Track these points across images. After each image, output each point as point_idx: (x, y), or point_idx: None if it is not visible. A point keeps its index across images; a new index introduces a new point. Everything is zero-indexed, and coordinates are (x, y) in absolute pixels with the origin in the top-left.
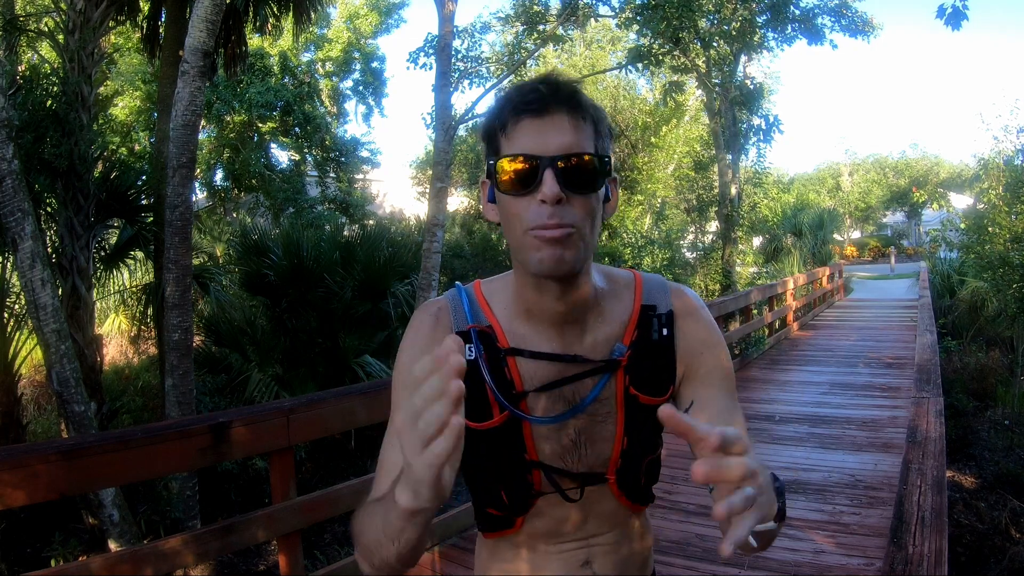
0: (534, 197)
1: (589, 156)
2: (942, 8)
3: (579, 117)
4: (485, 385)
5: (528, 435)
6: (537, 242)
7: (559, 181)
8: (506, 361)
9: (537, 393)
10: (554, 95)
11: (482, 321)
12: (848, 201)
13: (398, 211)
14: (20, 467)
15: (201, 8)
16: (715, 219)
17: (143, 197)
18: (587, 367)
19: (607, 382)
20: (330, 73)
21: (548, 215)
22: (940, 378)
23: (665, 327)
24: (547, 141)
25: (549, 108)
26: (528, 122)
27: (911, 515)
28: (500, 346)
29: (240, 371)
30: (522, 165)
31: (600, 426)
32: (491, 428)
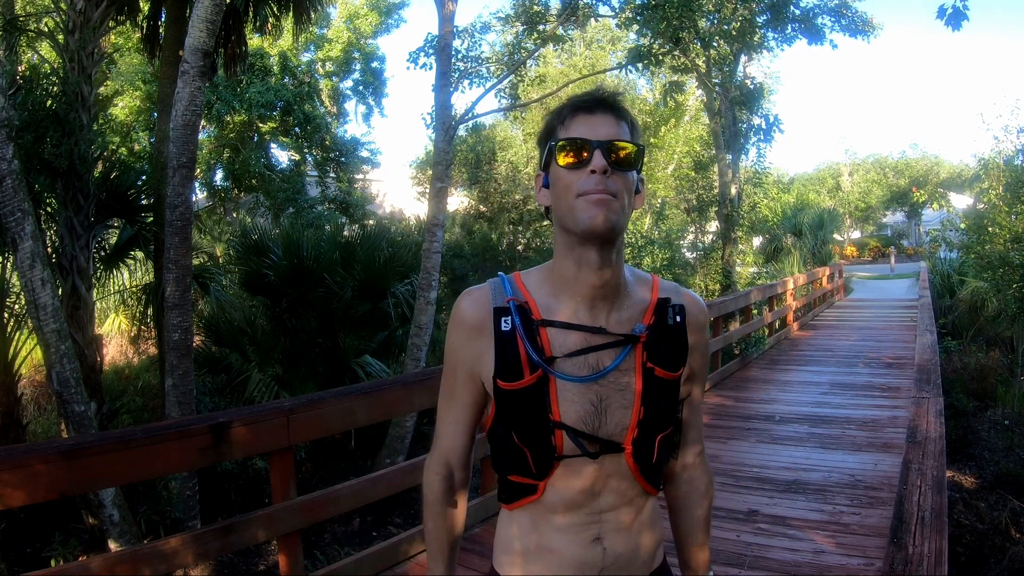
0: (585, 170)
1: (629, 143)
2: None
3: (620, 117)
4: (519, 351)
5: (555, 398)
6: (586, 204)
7: (607, 158)
8: (538, 331)
9: (565, 359)
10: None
11: (520, 298)
12: (848, 201)
13: (398, 211)
14: (20, 467)
15: (201, 8)
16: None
17: (143, 197)
18: (610, 339)
19: (627, 354)
20: (330, 73)
21: (596, 182)
22: (940, 378)
23: (678, 315)
24: (596, 130)
25: (598, 107)
26: (582, 116)
27: (911, 515)
28: (534, 318)
29: (240, 371)
30: (577, 145)
31: (620, 394)
32: (522, 388)
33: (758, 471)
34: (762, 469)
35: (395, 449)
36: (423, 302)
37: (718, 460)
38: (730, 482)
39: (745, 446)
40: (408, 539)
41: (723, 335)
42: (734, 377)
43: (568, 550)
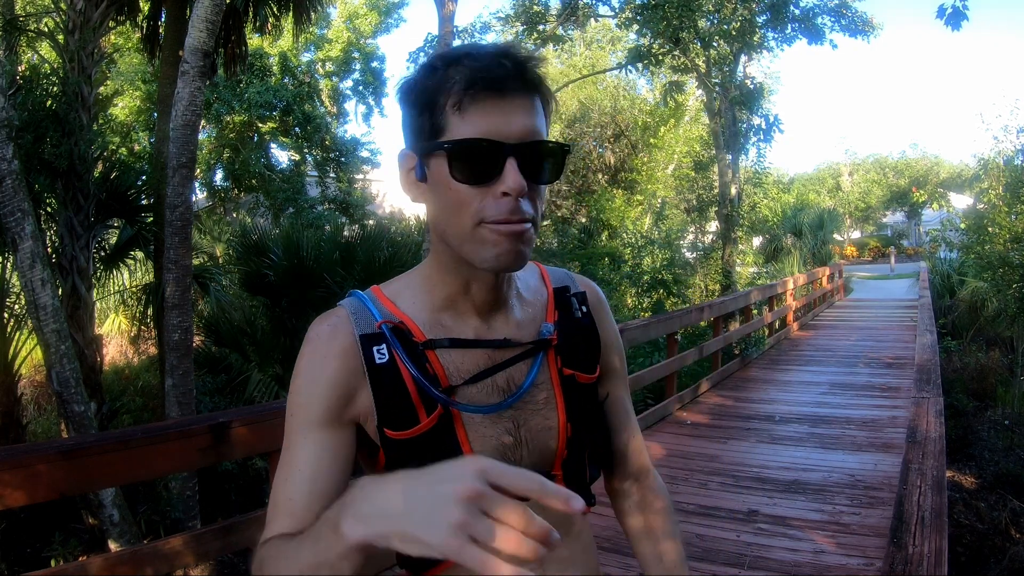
0: (492, 188)
1: (552, 143)
2: (942, 8)
3: (539, 99)
4: (407, 387)
5: (463, 438)
6: (495, 236)
7: (522, 171)
8: (426, 356)
9: (467, 386)
10: (520, 72)
11: (392, 319)
12: (848, 201)
13: (398, 211)
14: (20, 467)
15: (201, 8)
16: (715, 219)
17: (143, 197)
18: (518, 350)
19: (540, 364)
20: (330, 73)
21: (510, 210)
22: (940, 378)
23: (583, 305)
24: (509, 125)
25: (513, 87)
26: (489, 101)
27: (911, 515)
28: (416, 340)
29: (240, 371)
30: (483, 151)
31: (540, 415)
32: (421, 434)
33: (758, 471)
34: (762, 469)
35: None
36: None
37: (718, 460)
38: (730, 482)
39: (745, 446)
40: None
41: (723, 335)
42: (734, 377)
43: None
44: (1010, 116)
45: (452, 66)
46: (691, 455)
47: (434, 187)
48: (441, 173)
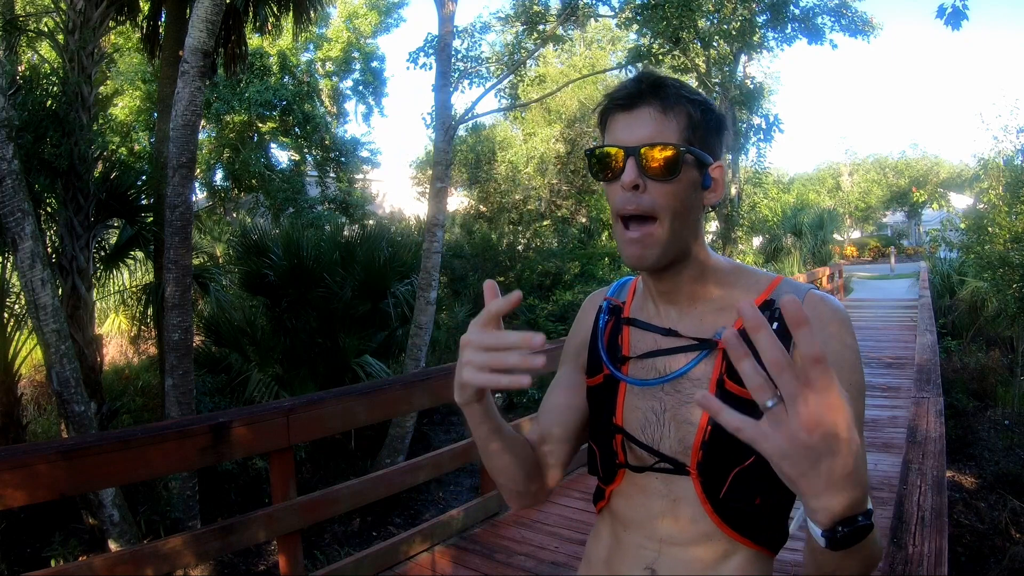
0: (618, 184)
1: (668, 145)
2: (942, 8)
3: (666, 109)
4: (602, 347)
5: (621, 400)
6: (622, 235)
7: (639, 167)
8: (622, 328)
9: (638, 360)
10: (642, 90)
11: (622, 298)
12: (848, 201)
13: (398, 211)
14: (20, 467)
15: (201, 8)
16: (715, 219)
17: (143, 197)
18: (682, 343)
19: (701, 362)
20: (330, 73)
21: (625, 200)
22: (940, 378)
23: (777, 321)
24: (633, 132)
25: (636, 103)
26: (620, 116)
27: (911, 515)
28: (623, 316)
29: (240, 371)
30: (608, 154)
31: (686, 408)
32: (595, 385)
33: None
34: None
35: (395, 449)
36: (423, 302)
37: None
38: None
39: None
40: (408, 539)
41: None
42: None
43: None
44: (1010, 116)
45: (605, 96)
46: None
47: None
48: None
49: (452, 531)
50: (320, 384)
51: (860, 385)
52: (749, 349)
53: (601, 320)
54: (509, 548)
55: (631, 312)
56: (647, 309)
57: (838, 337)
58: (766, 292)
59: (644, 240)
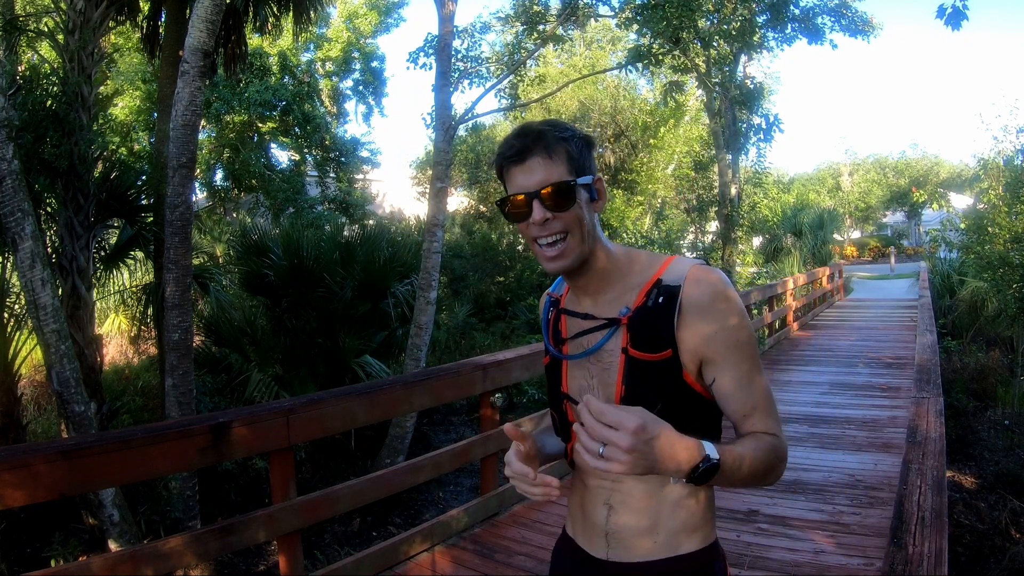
0: (529, 219)
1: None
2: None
3: (551, 153)
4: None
5: (565, 373)
6: (541, 254)
7: (543, 206)
8: (560, 317)
9: (571, 340)
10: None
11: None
12: (848, 201)
13: (398, 211)
14: (20, 467)
15: (201, 8)
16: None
17: (143, 197)
18: (595, 323)
19: (611, 336)
20: (330, 73)
21: (540, 230)
22: (940, 378)
23: (662, 296)
24: (529, 180)
25: (525, 155)
26: (514, 169)
27: (911, 515)
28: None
29: (240, 371)
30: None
31: (606, 372)
32: (548, 364)
33: None
34: None
35: (395, 449)
36: (423, 302)
37: None
38: None
39: None
40: (408, 539)
41: None
42: None
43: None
44: (1010, 116)
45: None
46: None
47: None
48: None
49: (452, 531)
50: (320, 384)
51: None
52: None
53: (546, 311)
54: (509, 548)
55: (565, 303)
56: (573, 299)
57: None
58: (657, 272)
59: (559, 254)
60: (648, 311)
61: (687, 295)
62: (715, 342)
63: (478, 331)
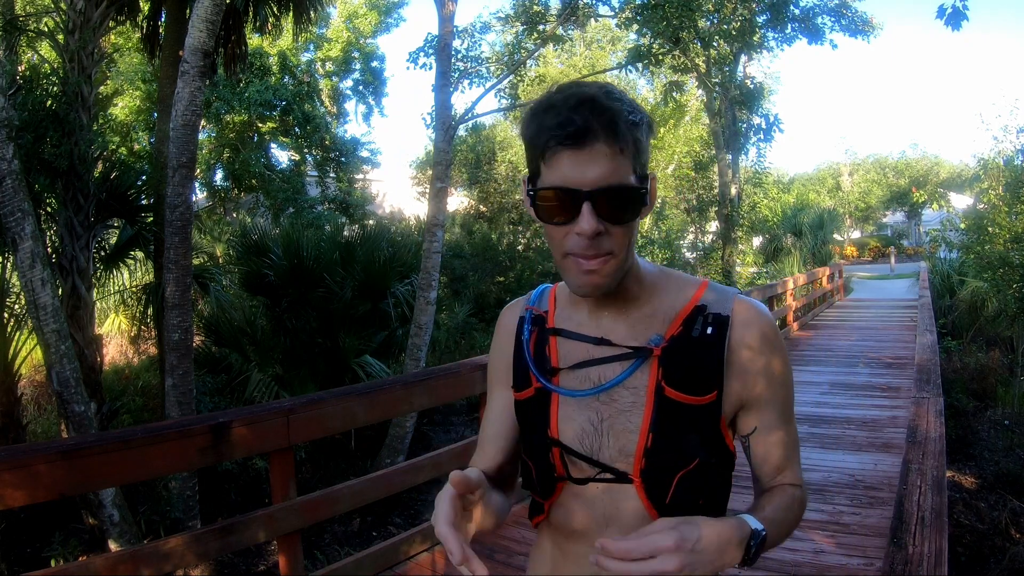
0: (572, 227)
1: (631, 189)
2: (942, 8)
3: (618, 145)
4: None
5: (555, 413)
6: (575, 268)
7: (597, 214)
8: (548, 340)
9: (569, 371)
10: (593, 125)
11: (544, 307)
12: (848, 201)
13: (398, 211)
14: (20, 467)
15: (201, 8)
16: (715, 219)
17: (143, 197)
18: (616, 351)
19: (636, 370)
20: (330, 73)
21: (585, 247)
22: (940, 378)
23: (711, 326)
24: (585, 173)
25: (588, 139)
26: (566, 153)
27: (911, 515)
28: (548, 327)
29: (240, 371)
30: (561, 198)
31: (624, 416)
32: (526, 398)
33: None
34: None
35: (395, 449)
36: (423, 302)
37: None
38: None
39: None
40: (408, 539)
41: None
42: None
43: None
44: (1010, 116)
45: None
46: None
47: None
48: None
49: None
50: (320, 384)
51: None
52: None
53: (525, 331)
54: (509, 548)
55: (556, 322)
56: (576, 318)
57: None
58: (695, 297)
59: (600, 271)
60: (692, 342)
61: (738, 328)
62: (764, 387)
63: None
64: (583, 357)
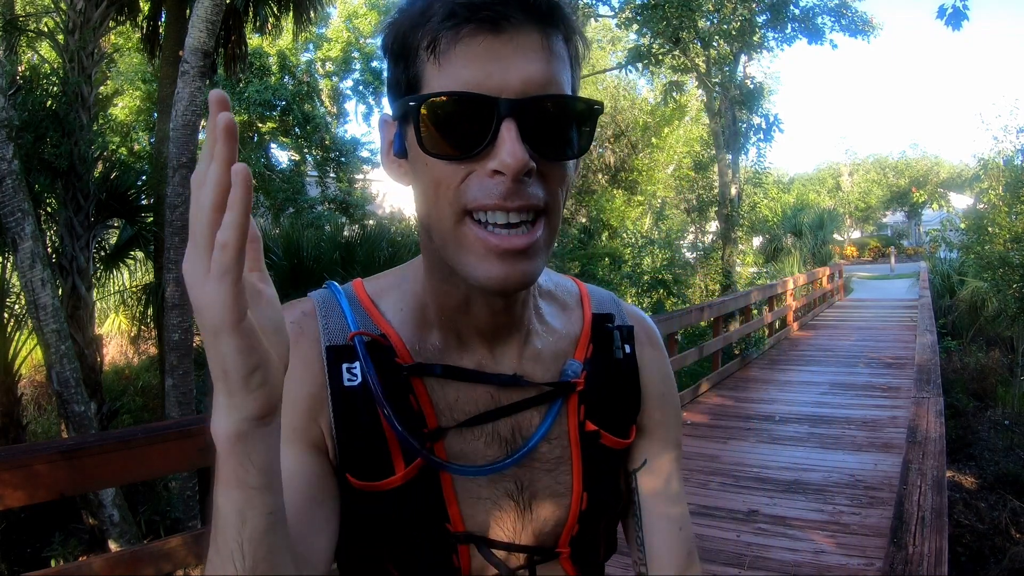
0: (481, 164)
1: (573, 99)
2: (942, 8)
3: (557, 38)
4: (380, 423)
5: (451, 496)
6: (482, 248)
7: (526, 139)
8: (411, 385)
9: (460, 431)
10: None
11: (370, 328)
12: (848, 201)
13: (398, 211)
14: (20, 467)
15: (201, 8)
16: (715, 219)
17: (143, 197)
18: (530, 392)
19: (557, 414)
20: (330, 73)
21: (503, 193)
22: (940, 378)
23: (627, 343)
24: (506, 73)
25: (513, 19)
26: (478, 40)
27: (911, 515)
28: (400, 362)
29: None
30: (465, 111)
31: (549, 476)
32: (393, 488)
33: (758, 471)
34: (762, 469)
35: None
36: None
37: (718, 460)
38: (730, 482)
39: (745, 446)
40: None
41: (723, 335)
42: (734, 377)
43: None
44: (1010, 116)
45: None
46: (691, 455)
47: (413, 163)
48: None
49: None
50: None
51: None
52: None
53: (350, 377)
54: None
55: (415, 356)
56: (449, 348)
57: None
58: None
59: (529, 251)
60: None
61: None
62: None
63: None
64: (485, 405)
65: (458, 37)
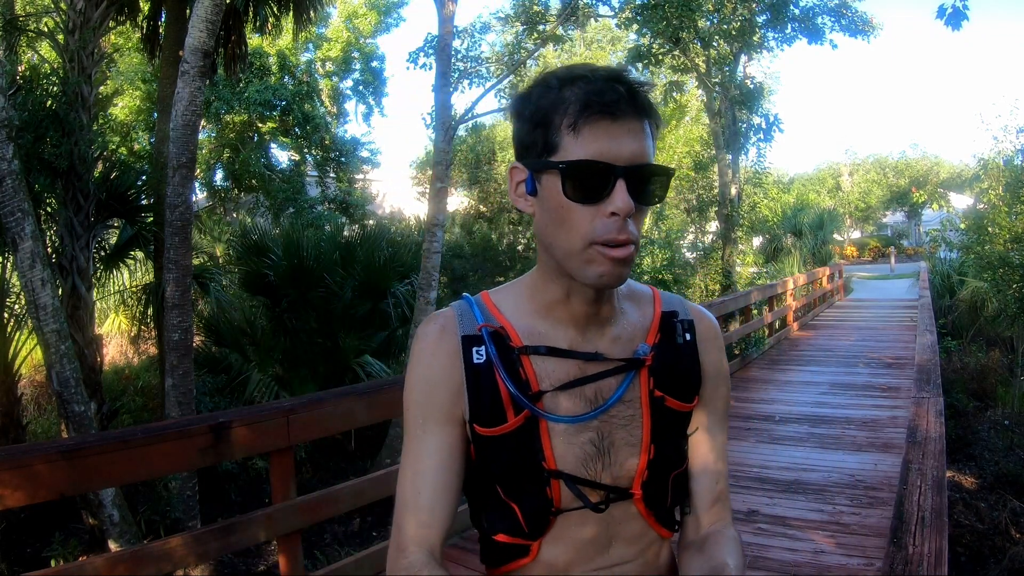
0: (601, 208)
1: (659, 166)
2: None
3: (650, 124)
4: (498, 387)
5: (547, 441)
6: (601, 257)
7: (631, 192)
8: (520, 360)
9: (556, 393)
10: (632, 98)
11: (492, 323)
12: (848, 201)
13: (398, 211)
14: (20, 467)
15: (201, 8)
16: (715, 219)
17: (143, 197)
18: (609, 365)
19: (631, 382)
20: (330, 73)
21: (618, 229)
22: (940, 378)
23: (688, 332)
24: (620, 148)
25: (625, 111)
26: (603, 125)
27: (911, 515)
28: (513, 345)
29: (240, 371)
30: (595, 171)
31: (624, 431)
32: (506, 433)
33: (758, 471)
34: (762, 469)
35: (395, 449)
36: (423, 302)
37: None
38: (730, 482)
39: (745, 446)
40: None
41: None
42: (734, 377)
43: None
44: (1010, 116)
45: (567, 86)
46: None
47: (544, 202)
48: (553, 190)
49: (453, 531)
50: (320, 384)
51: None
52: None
53: (478, 355)
54: None
55: (523, 340)
56: (548, 334)
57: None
58: (657, 304)
59: (626, 262)
60: (676, 349)
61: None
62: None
63: None
64: (574, 375)
65: (590, 120)
